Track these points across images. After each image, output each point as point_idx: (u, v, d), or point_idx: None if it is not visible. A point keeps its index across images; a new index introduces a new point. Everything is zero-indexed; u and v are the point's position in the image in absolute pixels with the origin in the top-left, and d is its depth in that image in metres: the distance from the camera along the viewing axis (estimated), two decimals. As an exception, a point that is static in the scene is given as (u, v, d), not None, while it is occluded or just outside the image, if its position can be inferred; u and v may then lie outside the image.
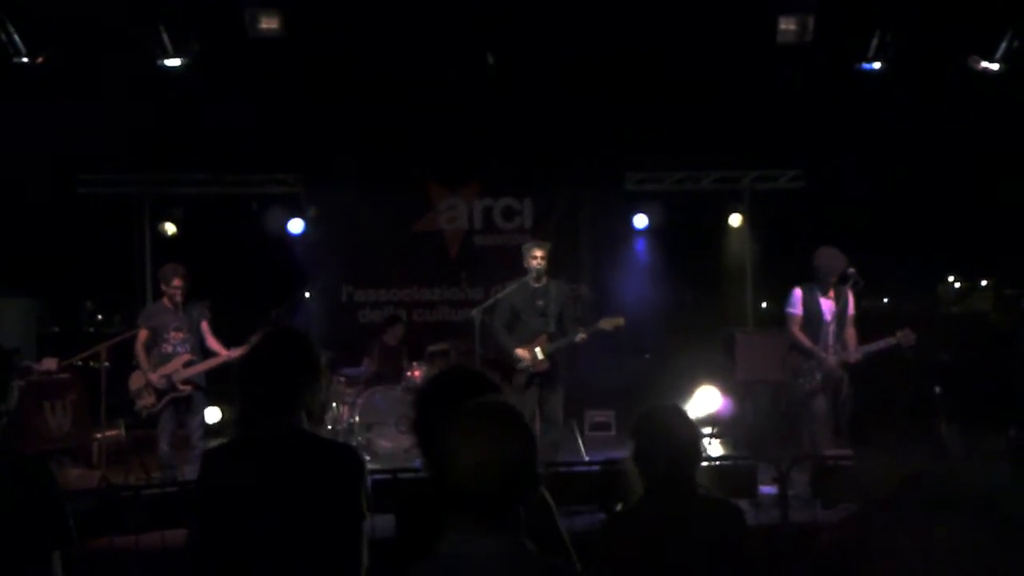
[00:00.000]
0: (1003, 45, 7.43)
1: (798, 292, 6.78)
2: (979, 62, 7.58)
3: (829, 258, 6.64)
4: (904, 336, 6.46)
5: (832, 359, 6.59)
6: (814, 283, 6.72)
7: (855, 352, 6.60)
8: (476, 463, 1.70)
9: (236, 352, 6.75)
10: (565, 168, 10.16)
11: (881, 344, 6.57)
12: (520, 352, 6.91)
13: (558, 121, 9.33)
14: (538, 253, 7.03)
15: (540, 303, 7.03)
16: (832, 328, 6.66)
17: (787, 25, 7.46)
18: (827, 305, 6.68)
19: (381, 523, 2.59)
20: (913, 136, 9.33)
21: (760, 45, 7.64)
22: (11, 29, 6.99)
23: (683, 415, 2.87)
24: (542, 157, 9.93)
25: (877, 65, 7.72)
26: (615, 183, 10.41)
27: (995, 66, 7.51)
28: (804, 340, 6.67)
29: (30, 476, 2.56)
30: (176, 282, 7.10)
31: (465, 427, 1.78)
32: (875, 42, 7.62)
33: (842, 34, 7.70)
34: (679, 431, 2.77)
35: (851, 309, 6.74)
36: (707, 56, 7.92)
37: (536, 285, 7.05)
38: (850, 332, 6.73)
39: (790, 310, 6.80)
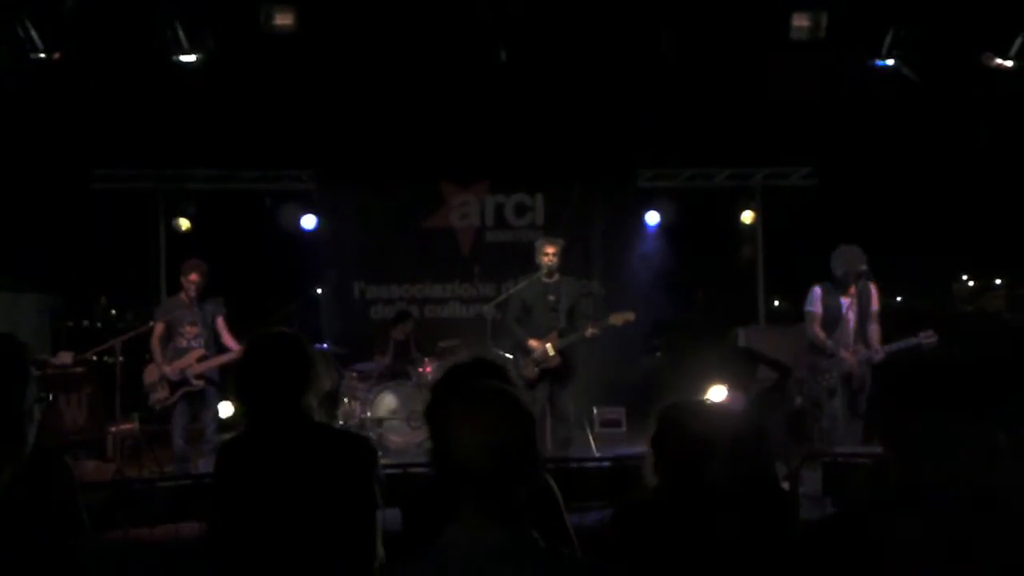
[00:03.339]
0: (1017, 42, 7.39)
1: (818, 290, 6.76)
2: (993, 59, 7.54)
3: (843, 257, 6.63)
4: (926, 337, 6.44)
5: (852, 357, 6.57)
6: (834, 281, 6.71)
7: (877, 352, 6.58)
8: (467, 444, 1.71)
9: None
10: (577, 164, 10.17)
11: (903, 344, 6.55)
12: (533, 343, 6.93)
13: (570, 117, 9.34)
14: (550, 249, 7.05)
15: (551, 298, 7.05)
16: (852, 326, 6.64)
17: (800, 21, 7.44)
18: (847, 303, 6.65)
19: (391, 517, 2.62)
20: (927, 133, 9.29)
21: (773, 41, 7.62)
22: (28, 25, 7.04)
23: (706, 411, 2.85)
24: (554, 153, 9.94)
25: (891, 62, 7.69)
26: (627, 179, 10.40)
27: (1009, 63, 7.46)
28: (823, 338, 6.65)
29: (46, 467, 2.60)
30: (192, 277, 7.20)
31: (457, 409, 1.79)
32: (889, 39, 7.59)
33: (856, 30, 7.68)
34: (695, 426, 2.74)
35: (874, 305, 6.70)
36: (720, 52, 7.91)
37: (548, 281, 7.07)
38: (873, 329, 6.67)
39: (809, 308, 6.78)
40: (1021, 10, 7.37)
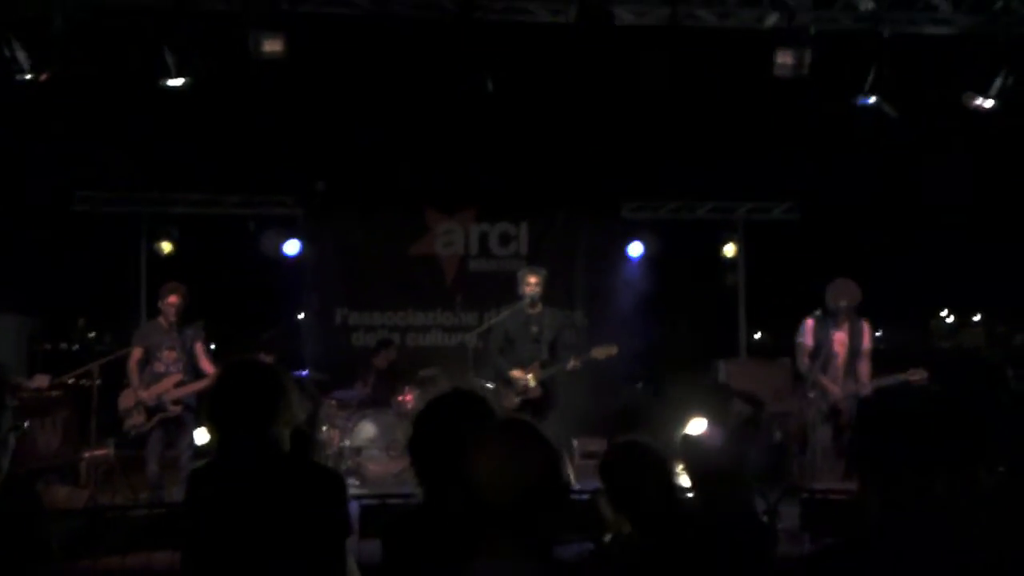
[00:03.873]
0: (998, 82, 7.50)
1: (809, 322, 6.77)
2: (973, 98, 7.64)
3: (834, 291, 6.66)
4: (915, 374, 6.46)
5: (840, 391, 6.58)
6: (826, 314, 6.73)
7: (865, 387, 6.60)
8: (492, 478, 1.70)
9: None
10: (562, 194, 10.21)
11: (891, 380, 6.57)
12: (515, 374, 6.91)
13: (556, 148, 9.40)
14: (532, 279, 7.04)
15: (534, 329, 7.03)
16: (842, 360, 6.65)
17: (784, 59, 7.51)
18: (838, 337, 6.66)
19: (368, 548, 2.59)
20: (908, 170, 9.40)
21: (757, 78, 7.71)
22: (16, 46, 7.02)
23: (649, 450, 2.85)
24: (539, 183, 9.99)
25: (873, 100, 7.78)
26: (612, 210, 10.45)
27: (989, 103, 7.56)
28: (812, 370, 6.64)
29: (14, 494, 2.56)
30: (170, 299, 7.13)
31: (484, 443, 1.78)
32: (871, 77, 7.69)
33: (838, 68, 7.78)
34: (643, 476, 2.74)
35: (866, 343, 6.72)
36: (704, 87, 7.99)
37: (531, 311, 7.06)
38: (863, 365, 6.69)
39: (800, 340, 6.79)
40: (1001, 50, 7.49)
